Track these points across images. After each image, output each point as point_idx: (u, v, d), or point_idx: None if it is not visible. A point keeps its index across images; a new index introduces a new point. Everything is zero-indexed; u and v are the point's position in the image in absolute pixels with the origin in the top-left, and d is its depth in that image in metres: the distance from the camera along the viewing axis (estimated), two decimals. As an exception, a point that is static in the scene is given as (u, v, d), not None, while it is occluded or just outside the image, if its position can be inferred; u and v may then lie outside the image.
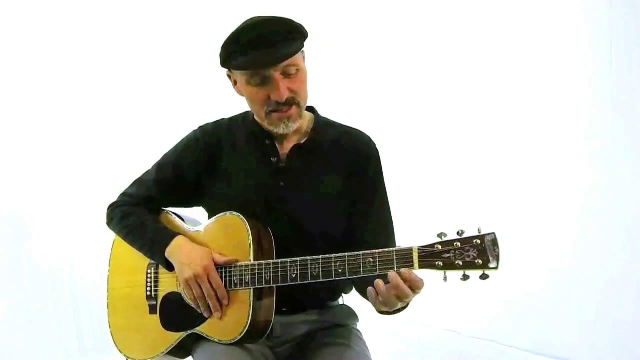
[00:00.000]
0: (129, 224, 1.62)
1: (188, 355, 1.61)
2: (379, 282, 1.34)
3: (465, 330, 3.12)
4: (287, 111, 1.50)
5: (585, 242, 2.55)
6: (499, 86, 2.89)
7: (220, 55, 1.51)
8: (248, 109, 1.64)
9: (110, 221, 1.67)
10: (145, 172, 1.70)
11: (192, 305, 1.52)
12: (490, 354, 2.94)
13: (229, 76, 1.57)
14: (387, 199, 1.64)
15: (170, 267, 1.56)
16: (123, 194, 1.69)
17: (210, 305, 1.49)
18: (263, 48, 1.42)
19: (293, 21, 1.47)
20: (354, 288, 1.64)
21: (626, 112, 2.39)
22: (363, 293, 1.51)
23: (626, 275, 2.42)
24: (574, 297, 2.61)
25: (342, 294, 1.71)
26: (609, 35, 2.41)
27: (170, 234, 1.57)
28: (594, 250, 2.52)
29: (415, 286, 1.31)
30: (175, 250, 1.53)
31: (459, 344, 3.10)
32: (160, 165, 1.67)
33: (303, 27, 1.49)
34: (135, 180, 1.71)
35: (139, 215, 1.63)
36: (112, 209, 1.67)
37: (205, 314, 1.50)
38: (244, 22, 1.48)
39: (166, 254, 1.54)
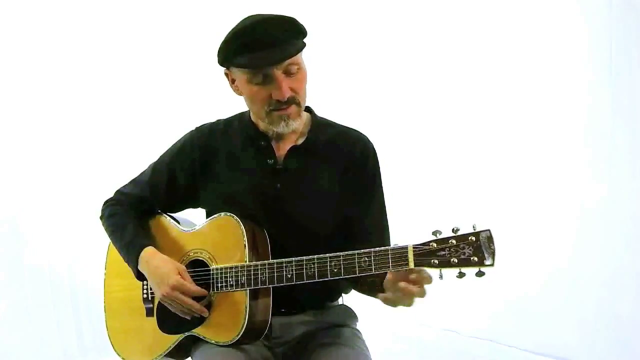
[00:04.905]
0: (113, 223, 1.64)
1: (187, 357, 1.61)
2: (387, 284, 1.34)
3: (465, 330, 3.12)
4: (287, 109, 1.48)
5: (585, 242, 2.55)
6: (498, 87, 2.89)
7: (219, 53, 1.49)
8: (244, 109, 1.63)
9: (101, 217, 1.69)
10: (142, 173, 1.70)
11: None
12: (490, 354, 2.94)
13: (226, 74, 1.55)
14: (383, 199, 1.63)
15: (139, 276, 1.57)
16: (118, 192, 1.71)
17: (196, 311, 1.49)
18: (266, 47, 1.41)
19: (295, 20, 1.46)
20: (353, 289, 1.63)
21: (626, 113, 2.39)
22: (365, 292, 1.51)
23: (626, 276, 2.42)
24: (574, 297, 2.61)
25: (342, 295, 1.71)
26: (609, 36, 2.41)
27: (140, 244, 1.56)
28: (593, 251, 2.53)
29: (420, 283, 1.30)
30: (143, 264, 1.54)
31: (459, 344, 3.11)
32: (155, 168, 1.67)
33: (303, 26, 1.48)
34: (132, 180, 1.71)
35: (124, 216, 1.63)
36: (105, 206, 1.69)
37: (195, 321, 1.51)
38: (245, 20, 1.46)
39: (139, 267, 1.55)
